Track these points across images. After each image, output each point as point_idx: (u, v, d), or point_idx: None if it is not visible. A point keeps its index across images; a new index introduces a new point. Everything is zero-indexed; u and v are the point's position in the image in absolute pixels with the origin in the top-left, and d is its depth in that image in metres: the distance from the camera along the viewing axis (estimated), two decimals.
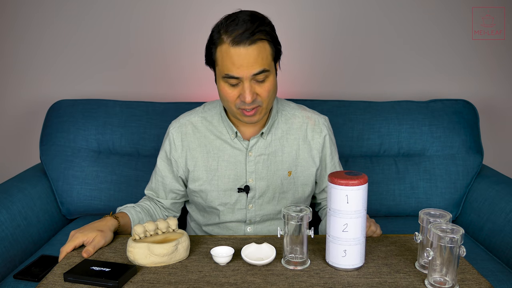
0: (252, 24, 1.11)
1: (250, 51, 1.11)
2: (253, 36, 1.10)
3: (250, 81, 1.14)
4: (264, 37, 1.13)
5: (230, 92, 1.16)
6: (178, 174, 1.33)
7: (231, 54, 1.11)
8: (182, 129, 1.31)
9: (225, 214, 1.32)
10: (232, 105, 1.18)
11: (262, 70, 1.13)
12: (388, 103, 1.86)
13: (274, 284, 0.95)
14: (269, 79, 1.16)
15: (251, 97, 1.14)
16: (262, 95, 1.16)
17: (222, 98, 1.20)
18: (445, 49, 2.05)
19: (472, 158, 1.78)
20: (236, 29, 1.10)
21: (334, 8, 2.01)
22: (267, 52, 1.14)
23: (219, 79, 1.18)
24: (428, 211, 1.01)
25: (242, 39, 1.10)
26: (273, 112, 1.29)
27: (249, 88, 1.13)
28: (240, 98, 1.16)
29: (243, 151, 1.29)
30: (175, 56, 2.05)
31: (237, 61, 1.11)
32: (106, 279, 0.94)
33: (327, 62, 2.06)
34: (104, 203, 1.77)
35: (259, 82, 1.15)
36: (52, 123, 1.82)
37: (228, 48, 1.11)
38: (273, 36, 1.16)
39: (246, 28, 1.10)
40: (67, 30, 2.03)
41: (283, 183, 1.31)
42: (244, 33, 1.10)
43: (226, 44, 1.12)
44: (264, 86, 1.16)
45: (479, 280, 0.96)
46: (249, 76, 1.12)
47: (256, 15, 1.15)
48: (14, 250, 1.47)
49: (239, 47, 1.10)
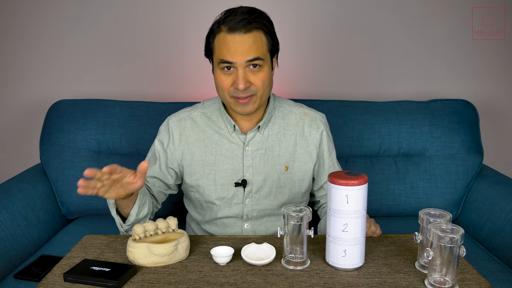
0: (249, 15, 1.16)
1: (246, 38, 1.15)
2: (249, 24, 1.15)
3: (244, 68, 1.17)
4: (260, 27, 1.17)
5: (225, 79, 1.19)
6: (171, 165, 1.34)
7: (227, 41, 1.15)
8: (181, 123, 1.33)
9: (222, 209, 1.32)
10: (226, 94, 1.21)
11: (256, 57, 1.16)
12: (388, 103, 1.86)
13: (274, 284, 0.95)
14: (264, 69, 1.19)
15: (244, 84, 1.16)
16: (256, 84, 1.19)
17: (217, 88, 1.23)
18: (445, 49, 2.05)
19: (472, 158, 1.78)
20: (234, 19, 1.15)
21: (335, 9, 2.01)
22: (263, 42, 1.18)
23: (215, 68, 1.21)
24: (428, 211, 1.01)
25: (238, 26, 1.14)
26: (270, 107, 1.31)
27: (243, 75, 1.17)
28: (233, 86, 1.18)
29: (240, 145, 1.30)
30: (176, 56, 2.05)
31: (232, 47, 1.15)
32: (106, 279, 0.94)
33: (327, 62, 2.06)
34: (104, 203, 1.76)
35: (254, 71, 1.18)
36: (52, 123, 1.82)
37: (225, 36, 1.16)
38: (270, 29, 1.20)
39: (243, 18, 1.15)
40: (67, 30, 2.03)
41: (280, 178, 1.32)
42: (241, 22, 1.14)
43: (223, 32, 1.16)
44: (259, 76, 1.18)
45: (479, 280, 0.96)
46: (243, 63, 1.16)
47: (255, 9, 1.19)
48: (14, 250, 1.47)
49: (234, 34, 1.15)
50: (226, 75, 1.19)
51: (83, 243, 1.14)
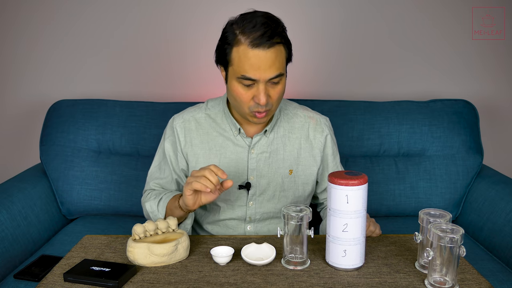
0: (269, 26, 1.12)
1: (269, 54, 1.11)
2: (272, 39, 1.11)
3: (265, 84, 1.14)
4: (280, 40, 1.14)
5: (244, 93, 1.16)
6: (182, 167, 1.33)
7: (249, 56, 1.11)
8: (186, 125, 1.32)
9: (225, 211, 1.32)
10: (245, 107, 1.18)
11: (278, 74, 1.14)
12: (388, 103, 1.86)
13: (274, 284, 0.95)
14: (282, 81, 1.18)
15: (265, 100, 1.15)
16: (273, 98, 1.17)
17: (234, 99, 1.20)
18: (445, 49, 2.05)
19: (472, 158, 1.78)
20: (254, 31, 1.11)
21: (335, 9, 2.01)
22: (283, 56, 1.16)
23: (232, 79, 1.18)
24: (428, 211, 1.01)
25: (261, 41, 1.10)
26: (276, 111, 1.30)
27: (264, 90, 1.14)
28: (254, 100, 1.16)
29: (245, 148, 1.30)
30: (176, 56, 2.05)
31: (255, 63, 1.11)
32: (106, 279, 0.94)
33: (327, 62, 2.06)
34: (104, 203, 1.77)
35: (273, 86, 1.16)
36: (52, 123, 1.82)
37: (246, 50, 1.11)
38: (287, 39, 1.17)
39: (264, 30, 1.11)
40: (67, 30, 2.03)
41: (284, 181, 1.32)
42: (263, 36, 1.10)
43: (244, 45, 1.12)
44: (277, 89, 1.17)
45: (479, 280, 0.96)
46: (266, 80, 1.13)
47: (272, 17, 1.15)
48: (14, 250, 1.47)
49: (258, 49, 1.11)
50: (245, 89, 1.16)
51: (83, 243, 1.14)
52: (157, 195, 1.29)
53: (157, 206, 1.26)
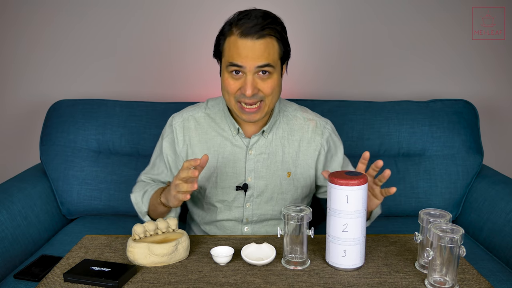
0: (263, 20, 1.13)
1: (257, 44, 1.12)
2: (262, 30, 1.12)
3: (253, 74, 1.14)
4: (273, 34, 1.14)
5: (232, 83, 1.17)
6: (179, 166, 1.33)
7: (238, 45, 1.13)
8: (185, 124, 1.32)
9: (222, 212, 1.32)
10: (232, 97, 1.19)
11: (266, 64, 1.14)
12: (388, 103, 1.86)
13: (274, 284, 0.95)
14: (273, 76, 1.17)
15: (251, 91, 1.14)
16: (264, 91, 1.17)
17: (223, 90, 1.21)
18: (445, 49, 2.05)
19: (472, 158, 1.78)
20: (247, 22, 1.12)
21: (334, 9, 2.01)
22: (275, 49, 1.15)
23: (223, 70, 1.19)
24: (428, 211, 1.01)
25: (250, 32, 1.12)
26: (275, 111, 1.30)
27: (251, 81, 1.14)
28: (241, 91, 1.16)
29: (243, 148, 1.29)
30: (176, 56, 2.05)
31: (243, 52, 1.12)
32: (106, 279, 0.94)
33: (326, 62, 2.06)
34: (104, 203, 1.77)
35: (263, 78, 1.16)
36: (52, 123, 1.82)
37: (236, 39, 1.13)
38: (283, 36, 1.17)
39: (256, 22, 1.12)
40: (68, 30, 2.03)
41: (282, 183, 1.31)
42: (254, 27, 1.12)
43: (234, 35, 1.13)
44: (268, 82, 1.16)
45: (479, 280, 0.96)
46: (253, 68, 1.13)
47: (269, 14, 1.16)
48: (14, 250, 1.47)
49: (246, 39, 1.12)
50: (234, 79, 1.16)
51: (83, 243, 1.14)
52: (143, 187, 1.32)
53: (142, 198, 1.29)
